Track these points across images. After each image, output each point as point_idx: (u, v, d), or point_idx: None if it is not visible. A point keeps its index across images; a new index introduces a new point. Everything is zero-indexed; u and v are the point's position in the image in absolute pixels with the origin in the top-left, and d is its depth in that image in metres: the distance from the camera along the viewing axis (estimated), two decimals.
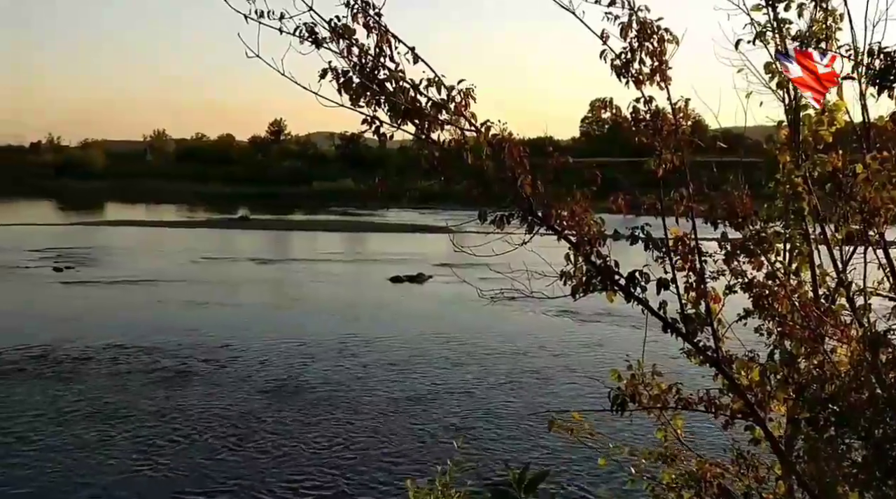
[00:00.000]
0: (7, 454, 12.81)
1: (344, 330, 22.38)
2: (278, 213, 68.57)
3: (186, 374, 17.67)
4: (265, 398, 16.05)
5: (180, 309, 25.38)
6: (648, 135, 4.14)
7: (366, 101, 3.85)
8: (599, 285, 4.21)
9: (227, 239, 48.51)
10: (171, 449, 13.21)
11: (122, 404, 15.45)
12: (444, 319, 24.16)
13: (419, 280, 31.80)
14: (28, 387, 16.35)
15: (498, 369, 18.73)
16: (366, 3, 3.80)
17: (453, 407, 15.78)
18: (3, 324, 22.00)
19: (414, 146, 4.23)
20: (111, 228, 53.37)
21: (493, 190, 4.13)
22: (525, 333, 22.41)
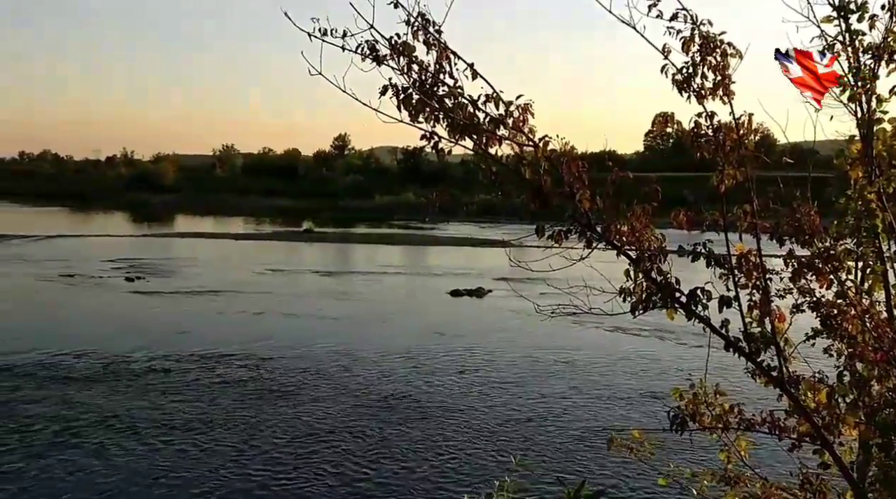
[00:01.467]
0: (81, 461, 13.22)
1: (402, 342, 22.53)
2: (341, 226, 69.58)
3: (254, 383, 18.02)
4: (327, 408, 16.23)
5: (246, 320, 25.93)
6: (710, 150, 4.07)
7: (425, 117, 3.90)
8: (660, 302, 4.15)
9: (291, 251, 49.44)
10: (240, 457, 13.45)
11: (192, 412, 15.81)
12: (502, 334, 24.07)
13: (479, 294, 31.77)
14: (100, 394, 16.92)
15: (556, 385, 18.55)
16: (426, 21, 3.85)
17: (510, 422, 15.68)
18: (77, 332, 22.87)
19: (473, 161, 4.26)
20: (181, 240, 55.00)
21: (552, 204, 4.12)
22: (584, 349, 22.15)
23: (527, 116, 3.90)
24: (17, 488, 11.97)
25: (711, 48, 4.04)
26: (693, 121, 4.10)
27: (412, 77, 3.88)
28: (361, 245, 54.95)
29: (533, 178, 4.00)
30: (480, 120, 3.90)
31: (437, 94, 3.88)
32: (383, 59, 3.87)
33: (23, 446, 13.62)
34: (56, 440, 13.98)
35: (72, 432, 14.40)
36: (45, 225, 62.99)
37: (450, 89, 3.88)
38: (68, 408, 15.76)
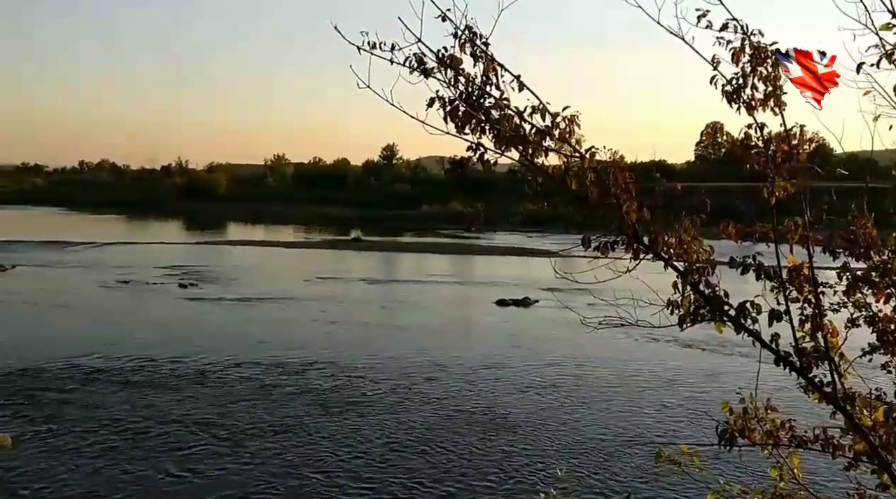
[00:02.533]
0: (137, 463, 13.52)
1: (448, 351, 22.55)
2: (389, 234, 70.09)
3: (300, 388, 18.24)
4: (372, 414, 16.32)
5: (295, 327, 26.27)
6: (761, 162, 4.01)
7: (471, 129, 3.92)
8: (708, 315, 4.09)
9: (340, 259, 49.96)
10: (312, 464, 13.63)
11: (254, 418, 16.02)
12: (547, 345, 23.91)
13: (525, 304, 31.63)
14: (159, 397, 17.31)
15: (602, 397, 18.34)
16: (473, 33, 3.88)
17: (555, 433, 15.55)
18: (134, 337, 23.47)
19: (520, 171, 4.26)
20: (232, 248, 56.05)
21: (598, 215, 4.11)
22: (630, 362, 21.87)
23: (573, 127, 3.89)
24: (88, 489, 12.30)
25: (762, 58, 3.98)
26: (743, 132, 4.05)
27: (459, 89, 3.91)
28: (408, 254, 55.24)
29: (579, 189, 3.99)
30: (526, 131, 3.91)
31: (484, 105, 3.91)
32: (430, 71, 3.91)
33: (93, 446, 13.99)
34: (119, 442, 14.32)
35: (131, 434, 14.74)
36: (102, 232, 64.87)
37: (496, 101, 3.90)
38: (129, 410, 16.17)
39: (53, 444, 14.05)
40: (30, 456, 13.35)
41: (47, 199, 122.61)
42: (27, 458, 13.26)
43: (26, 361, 19.65)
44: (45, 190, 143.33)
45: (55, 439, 14.33)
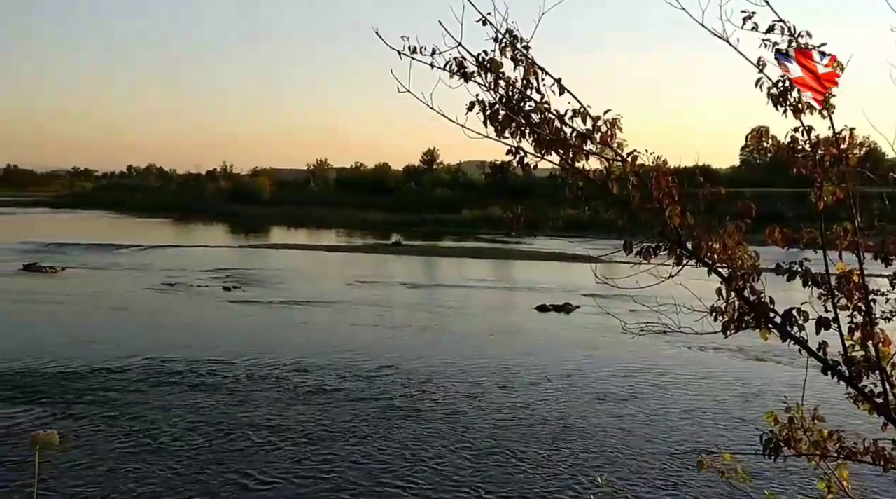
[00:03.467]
0: (186, 464, 13.74)
1: (488, 356, 22.50)
2: (429, 239, 70.24)
3: (351, 391, 18.34)
4: (428, 418, 16.35)
5: (340, 330, 26.48)
6: (808, 166, 3.92)
7: (511, 133, 3.91)
8: (752, 322, 4.01)
9: (380, 263, 50.23)
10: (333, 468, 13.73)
11: (304, 422, 16.13)
12: (589, 351, 23.71)
13: (566, 310, 31.39)
14: (204, 398, 17.57)
15: (642, 404, 18.10)
16: (514, 37, 3.87)
17: (595, 440, 15.39)
18: (178, 338, 23.91)
19: (560, 175, 4.24)
20: (275, 251, 56.77)
21: (640, 220, 4.06)
22: (673, 368, 21.56)
23: (615, 131, 3.86)
24: (134, 490, 12.54)
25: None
26: (789, 136, 3.96)
27: (499, 93, 3.91)
28: (448, 258, 55.29)
29: (621, 193, 3.95)
30: (567, 135, 3.89)
31: (524, 109, 3.89)
32: (471, 75, 3.91)
33: (140, 447, 14.27)
34: (167, 443, 14.57)
35: (179, 435, 14.96)
36: (149, 235, 66.28)
37: (536, 104, 3.88)
38: (176, 411, 16.42)
39: (100, 443, 14.35)
40: (77, 454, 13.66)
41: (97, 202, 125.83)
42: (74, 456, 13.57)
43: (75, 361, 20.15)
44: (94, 194, 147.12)
45: (102, 438, 14.64)
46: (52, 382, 18.30)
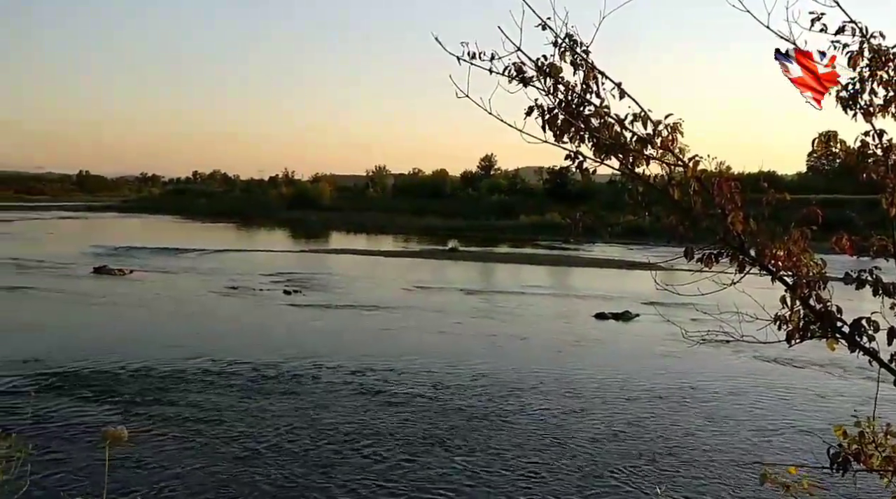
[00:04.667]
0: (251, 467, 14.03)
1: (546, 364, 22.35)
2: (486, 245, 70.18)
3: (416, 397, 18.44)
4: (469, 424, 16.34)
5: (394, 335, 26.66)
6: (879, 172, 3.80)
7: (569, 137, 3.90)
8: (819, 332, 3.90)
9: (437, 269, 50.41)
10: (400, 471, 13.82)
11: (368, 426, 16.29)
12: (649, 360, 23.32)
13: (625, 318, 30.95)
14: (265, 401, 17.91)
15: (703, 414, 17.71)
16: (573, 42, 3.86)
17: (654, 451, 15.12)
18: (240, 341, 24.46)
19: (620, 180, 4.20)
20: (335, 256, 57.54)
21: (701, 226, 3.99)
22: (736, 378, 21.04)
23: (676, 136, 3.81)
24: (200, 487, 12.86)
25: (883, 62, 3.78)
26: (859, 140, 3.85)
27: (558, 97, 3.90)
28: (505, 265, 55.13)
29: (682, 198, 3.90)
30: (627, 139, 3.85)
31: (583, 114, 3.88)
32: (529, 80, 3.91)
33: (205, 447, 14.63)
34: (230, 444, 14.90)
35: (244, 437, 15.26)
36: (213, 239, 67.99)
37: (596, 109, 3.86)
38: (240, 413, 16.77)
39: (166, 441, 14.75)
40: (144, 450, 14.07)
41: (163, 207, 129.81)
42: (142, 452, 13.98)
43: (142, 361, 20.77)
44: (160, 199, 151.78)
45: (168, 436, 15.04)
46: (119, 380, 18.90)
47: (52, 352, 21.35)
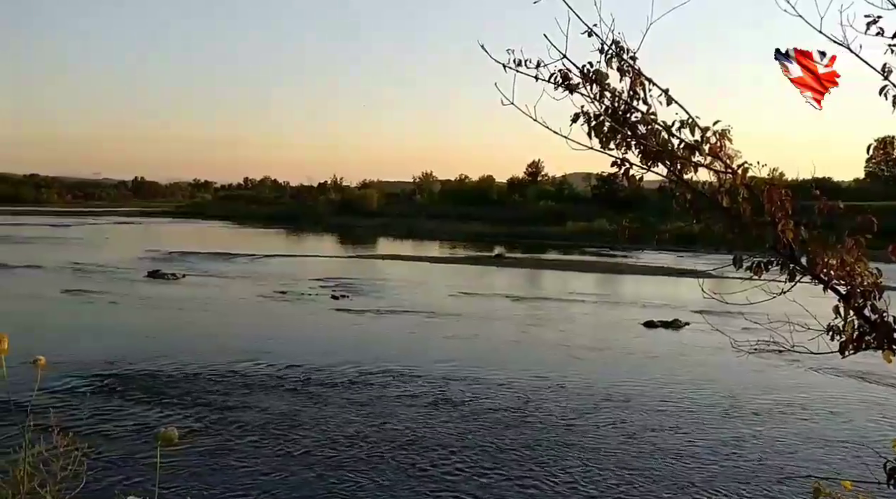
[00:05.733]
0: (291, 468, 14.21)
1: (592, 372, 22.16)
2: (533, 252, 69.88)
3: (444, 402, 18.47)
4: (509, 431, 16.28)
5: (441, 340, 26.74)
6: None
7: (616, 144, 3.88)
8: (874, 343, 3.80)
9: (483, 275, 50.38)
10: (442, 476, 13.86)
11: (415, 432, 16.41)
12: (699, 369, 22.93)
13: (674, 326, 30.48)
14: (314, 405, 18.12)
15: (753, 425, 17.34)
16: (620, 48, 3.85)
17: (702, 462, 14.84)
18: (289, 345, 24.82)
19: (668, 187, 4.16)
20: (381, 262, 57.97)
21: (751, 234, 3.93)
22: (787, 389, 20.55)
23: (724, 142, 3.76)
24: (251, 490, 13.09)
25: None
26: None
27: (604, 104, 3.88)
28: (552, 271, 54.80)
29: (731, 206, 3.84)
30: (674, 146, 3.82)
31: (630, 120, 3.85)
32: (575, 87, 3.91)
33: (255, 449, 14.89)
34: (281, 447, 15.12)
35: (296, 441, 15.48)
36: (263, 245, 69.14)
37: (643, 115, 3.84)
38: (291, 417, 17.00)
39: (216, 443, 15.02)
40: (194, 451, 14.35)
41: (214, 213, 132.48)
42: (192, 452, 14.26)
43: (193, 364, 21.22)
44: (212, 205, 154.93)
45: (218, 438, 15.32)
46: (172, 382, 19.33)
47: (108, 354, 21.95)
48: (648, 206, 76.08)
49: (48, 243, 64.02)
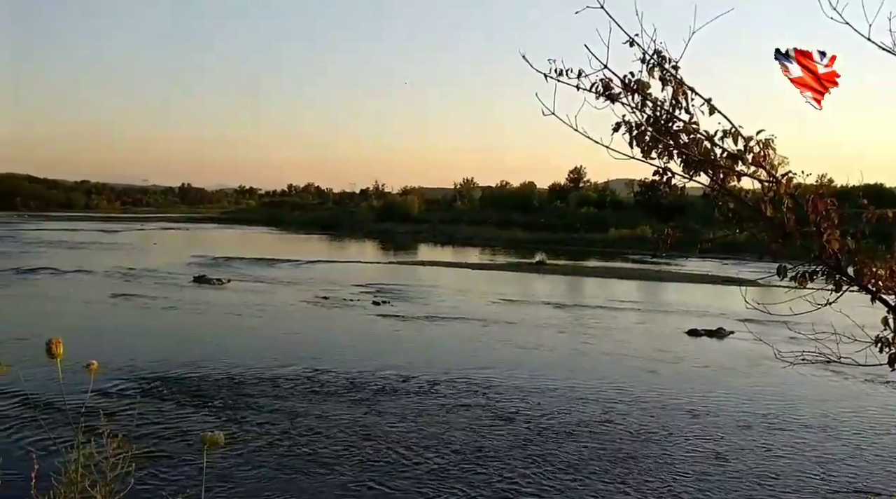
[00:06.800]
0: (336, 474, 14.33)
1: (634, 380, 21.91)
2: (574, 258, 69.42)
3: (497, 411, 18.44)
4: (554, 441, 16.18)
5: (482, 347, 26.72)
6: None
7: (657, 154, 3.87)
8: None
9: (524, 282, 50.21)
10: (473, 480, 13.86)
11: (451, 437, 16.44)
12: (744, 380, 22.54)
13: (718, 335, 29.98)
14: (351, 410, 18.26)
15: (798, 437, 16.95)
16: (662, 58, 3.84)
17: (749, 475, 14.56)
18: (332, 350, 25.04)
19: (712, 196, 4.14)
20: (422, 268, 58.15)
21: (796, 243, 3.89)
22: (834, 401, 20.06)
23: (767, 152, 3.72)
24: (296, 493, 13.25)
25: None
26: None
27: (645, 114, 3.88)
28: (594, 279, 54.36)
29: (775, 215, 3.80)
30: (717, 155, 3.79)
31: (672, 130, 3.84)
32: (616, 96, 3.91)
33: (298, 454, 15.06)
34: (323, 452, 15.27)
35: (340, 446, 15.61)
36: (306, 250, 69.97)
37: (685, 125, 3.82)
38: (334, 422, 17.13)
39: (261, 447, 15.21)
40: (239, 455, 14.57)
41: (258, 219, 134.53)
42: (237, 456, 14.48)
43: (237, 368, 21.55)
44: (256, 211, 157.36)
45: (263, 442, 15.51)
46: (217, 386, 19.65)
47: (155, 358, 22.42)
48: (693, 212, 75.05)
49: (98, 248, 65.69)
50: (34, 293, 36.50)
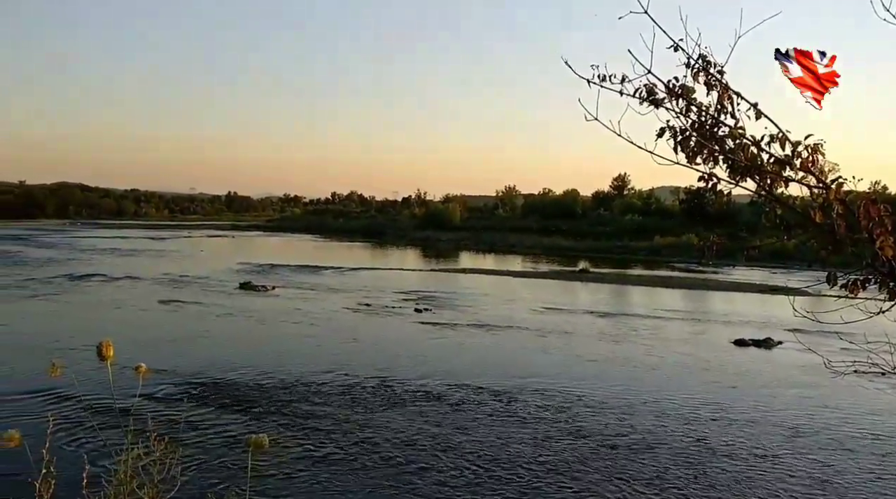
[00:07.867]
0: (377, 480, 14.40)
1: (680, 391, 21.56)
2: (618, 267, 68.76)
3: (535, 420, 18.34)
4: (594, 450, 16.01)
5: (525, 355, 26.60)
6: None
7: (703, 159, 3.82)
8: None
9: (566, 290, 49.87)
10: None
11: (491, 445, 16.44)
12: (792, 391, 22.01)
13: (766, 345, 29.37)
14: (393, 417, 18.33)
15: (849, 451, 16.47)
16: (707, 62, 3.80)
17: (798, 490, 14.21)
18: (373, 357, 25.20)
19: (758, 201, 4.07)
20: (464, 275, 58.17)
21: (847, 251, 3.80)
22: (886, 414, 19.46)
23: (816, 157, 3.65)
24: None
25: None
26: None
27: (690, 119, 3.83)
28: (638, 287, 53.74)
29: (824, 221, 3.72)
30: (764, 161, 3.73)
31: (717, 135, 3.79)
32: (661, 102, 3.87)
33: (340, 458, 15.19)
34: (365, 458, 15.37)
35: (384, 452, 15.71)
36: (349, 258, 70.57)
37: (730, 130, 3.77)
38: (378, 428, 17.24)
39: (304, 451, 15.36)
40: (283, 459, 14.73)
41: (302, 227, 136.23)
42: (282, 459, 14.65)
43: (282, 373, 21.81)
44: (300, 219, 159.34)
45: (307, 445, 15.67)
46: (262, 391, 19.91)
47: (201, 362, 22.83)
48: (740, 220, 73.77)
49: (147, 255, 67.20)
50: (86, 299, 37.47)
